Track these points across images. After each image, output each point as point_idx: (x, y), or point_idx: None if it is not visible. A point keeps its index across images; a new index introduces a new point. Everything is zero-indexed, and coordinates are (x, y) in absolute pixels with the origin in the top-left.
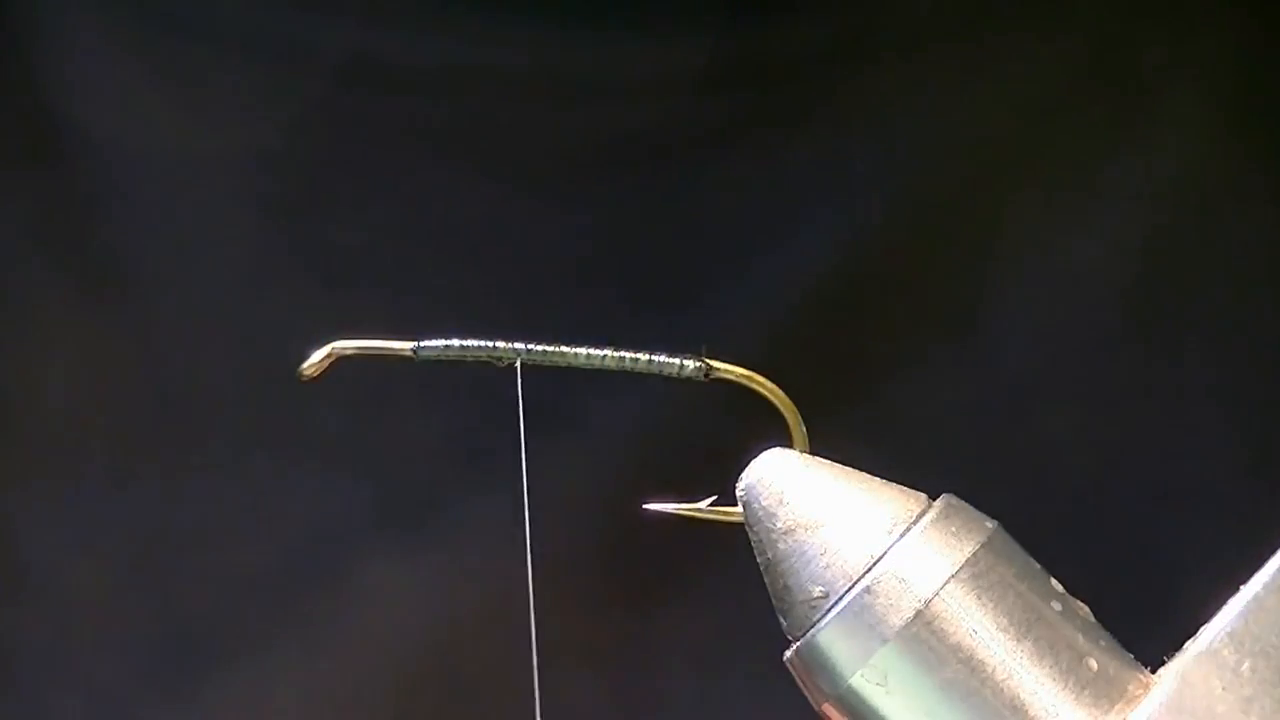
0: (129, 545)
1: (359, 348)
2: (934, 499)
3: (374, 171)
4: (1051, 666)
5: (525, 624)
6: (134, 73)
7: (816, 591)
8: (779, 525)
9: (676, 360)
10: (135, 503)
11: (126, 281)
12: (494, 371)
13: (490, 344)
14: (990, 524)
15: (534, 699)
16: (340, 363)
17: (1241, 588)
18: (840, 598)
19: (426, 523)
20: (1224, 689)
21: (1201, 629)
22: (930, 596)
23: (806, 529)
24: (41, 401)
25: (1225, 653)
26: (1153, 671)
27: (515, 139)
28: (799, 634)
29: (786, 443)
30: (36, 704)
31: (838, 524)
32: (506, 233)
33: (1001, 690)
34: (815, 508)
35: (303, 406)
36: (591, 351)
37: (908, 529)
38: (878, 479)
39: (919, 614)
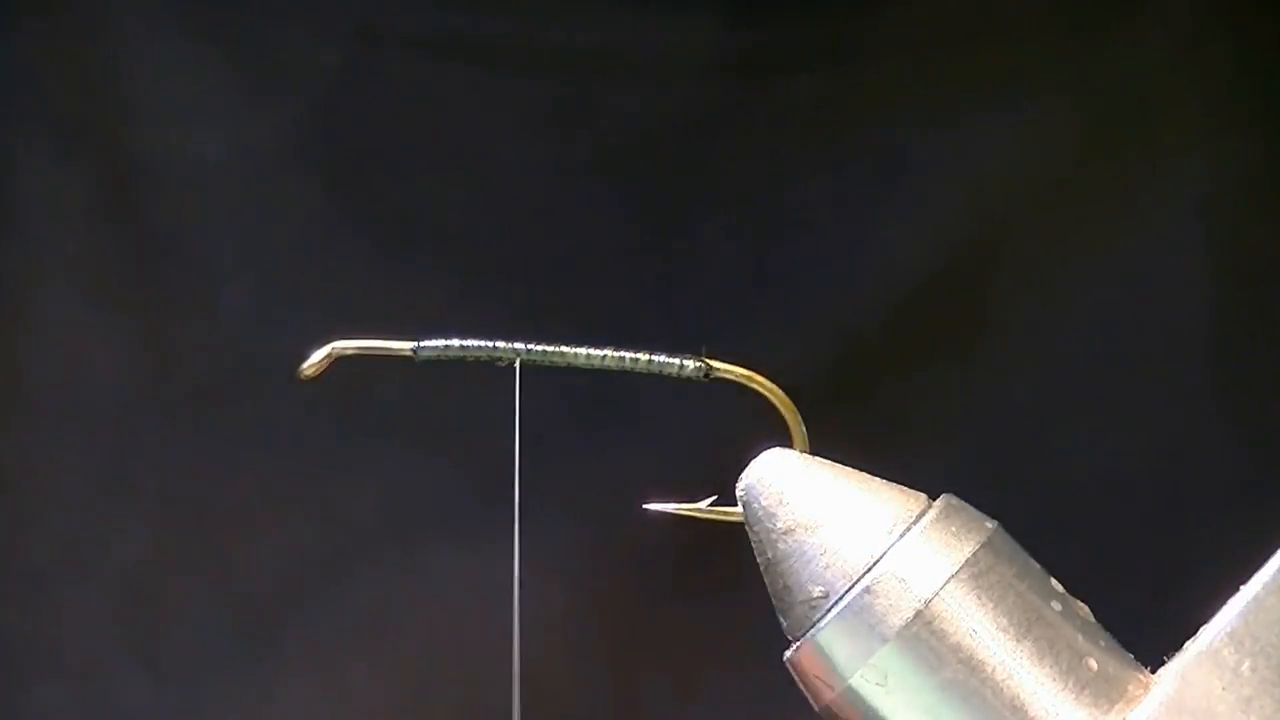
0: (187, 521)
1: (359, 348)
2: (934, 499)
3: (421, 142)
4: (1051, 666)
5: (553, 626)
6: (185, 45)
7: (816, 591)
8: (779, 525)
9: (676, 360)
10: (195, 474)
11: (183, 255)
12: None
13: (490, 344)
14: (990, 524)
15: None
16: (340, 363)
17: (1241, 588)
18: (840, 598)
19: (483, 502)
20: (1224, 689)
21: (1201, 629)
22: (930, 596)
23: (806, 529)
24: (102, 376)
25: (1225, 653)
26: (1153, 671)
27: (541, 126)
28: (799, 634)
29: (786, 443)
30: (98, 678)
31: (838, 524)
32: (520, 220)
33: (1001, 690)
34: (815, 508)
35: (364, 381)
36: (591, 351)
37: (908, 529)
38: (878, 479)
39: (919, 614)
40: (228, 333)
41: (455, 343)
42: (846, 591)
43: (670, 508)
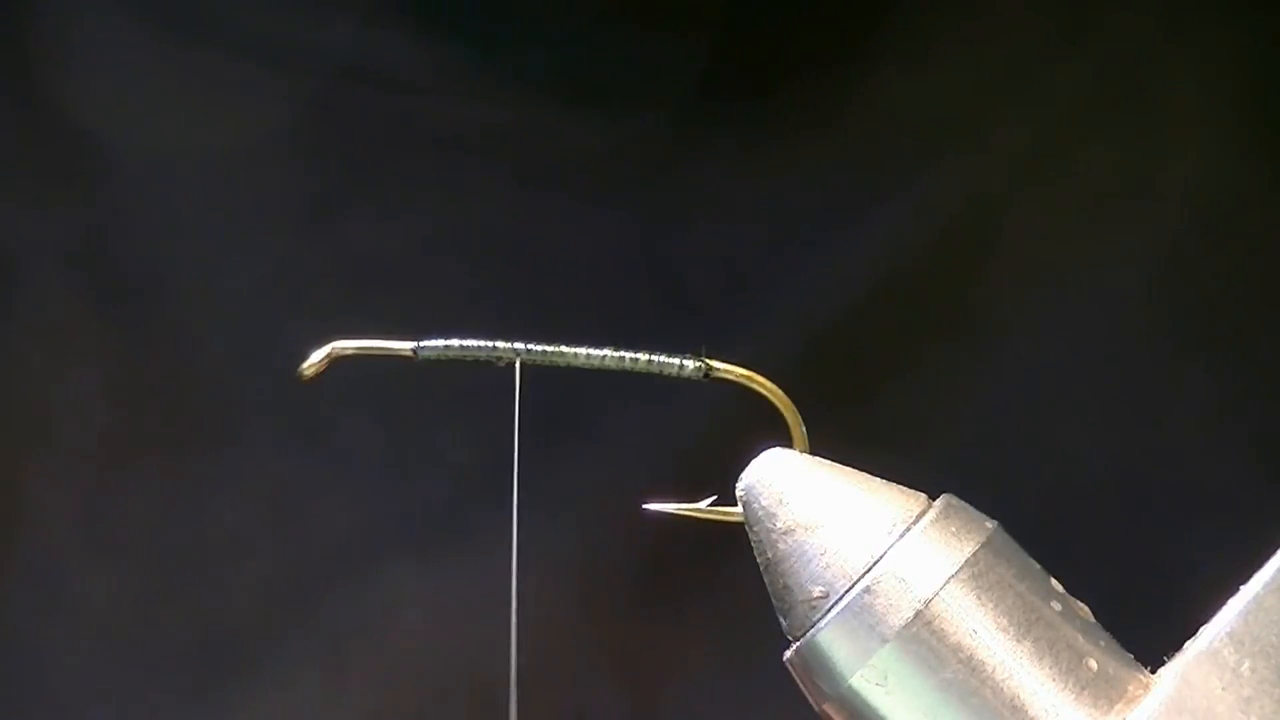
0: (160, 554)
1: (359, 348)
2: (934, 499)
3: (392, 173)
4: (1051, 666)
5: (550, 631)
6: (152, 79)
7: (816, 591)
8: (779, 525)
9: (676, 360)
10: (166, 511)
11: (153, 290)
12: (521, 379)
13: (490, 344)
14: (990, 524)
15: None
16: (340, 362)
17: (1241, 588)
18: (840, 598)
19: (454, 530)
20: (1224, 689)
21: (1201, 629)
22: (930, 596)
23: (806, 529)
24: (70, 412)
25: (1225, 653)
26: (1153, 671)
27: (525, 142)
28: (799, 634)
29: (786, 443)
30: (70, 712)
31: (838, 524)
32: (512, 236)
33: (1001, 690)
34: (815, 508)
35: (332, 413)
36: (591, 351)
37: (908, 529)
38: (878, 479)
39: (919, 614)
40: (197, 366)
41: (455, 343)
42: (846, 591)
43: (670, 508)
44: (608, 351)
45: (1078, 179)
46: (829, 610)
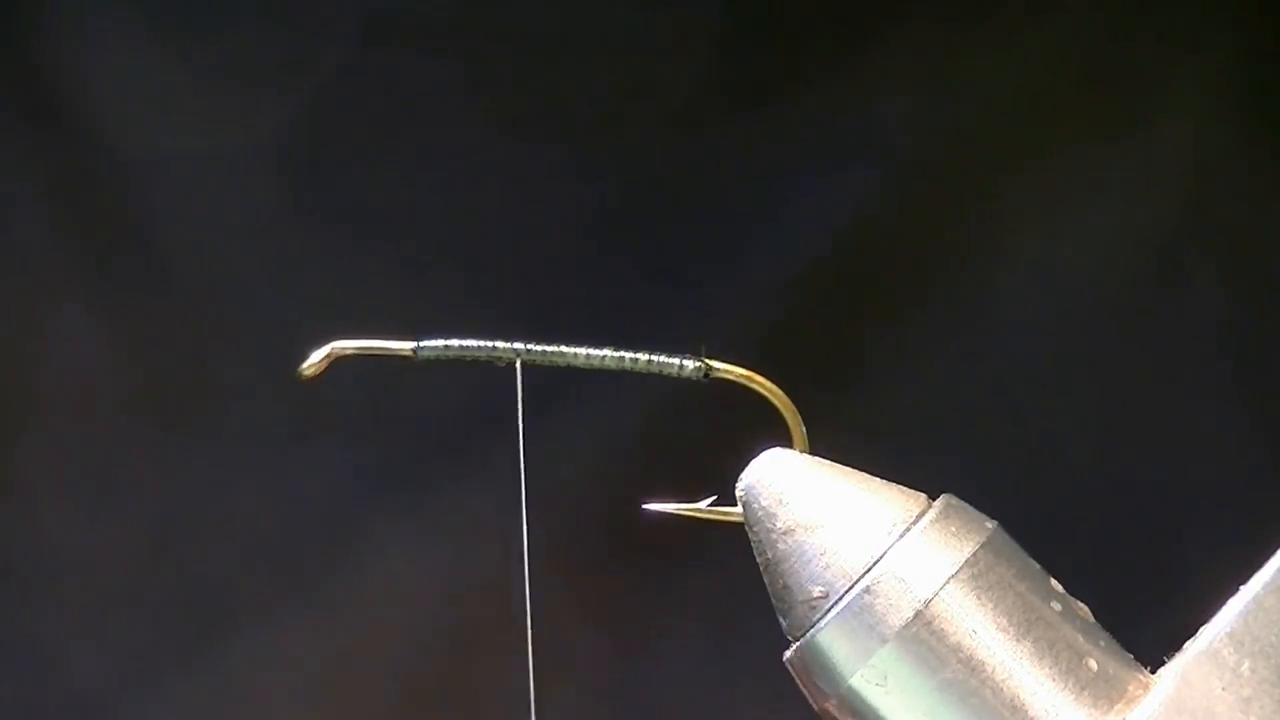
0: (148, 515)
1: (359, 348)
2: (934, 499)
3: (396, 138)
4: (1051, 666)
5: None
6: (152, 47)
7: (816, 591)
8: (778, 525)
9: (676, 360)
10: (154, 475)
11: (146, 258)
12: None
13: (490, 344)
14: (990, 524)
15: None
16: (340, 362)
17: (1241, 588)
18: (840, 598)
19: (438, 494)
20: (1224, 689)
21: (1201, 629)
22: (930, 597)
23: (806, 529)
24: (61, 377)
25: (1225, 653)
26: (1153, 671)
27: (533, 100)
28: (799, 634)
29: (786, 443)
30: (58, 670)
31: (838, 524)
32: (520, 198)
33: (1001, 690)
34: (815, 508)
35: (318, 380)
36: (591, 351)
37: (908, 529)
38: (878, 479)
39: (919, 614)
40: (188, 331)
41: (455, 342)
42: (846, 591)
43: (670, 508)
44: (607, 351)
45: (1072, 165)
46: (829, 610)
